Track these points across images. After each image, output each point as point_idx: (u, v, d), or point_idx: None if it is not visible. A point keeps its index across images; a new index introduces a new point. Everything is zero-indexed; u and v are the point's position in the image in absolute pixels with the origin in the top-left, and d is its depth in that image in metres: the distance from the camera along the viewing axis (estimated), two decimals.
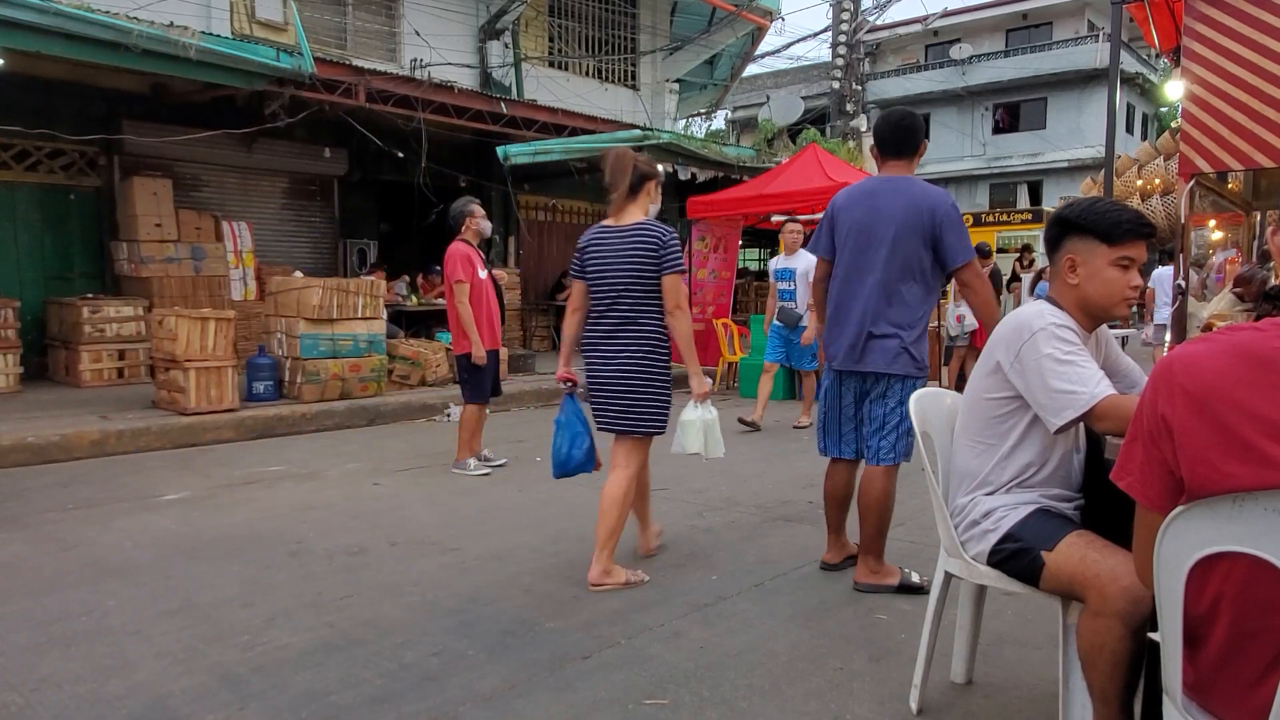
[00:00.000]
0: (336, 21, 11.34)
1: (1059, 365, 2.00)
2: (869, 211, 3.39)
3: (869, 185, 3.49)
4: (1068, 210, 2.17)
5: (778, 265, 7.67)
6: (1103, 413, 1.93)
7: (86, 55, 7.15)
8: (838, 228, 3.48)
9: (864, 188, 3.49)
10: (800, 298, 7.36)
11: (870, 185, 3.48)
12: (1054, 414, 1.99)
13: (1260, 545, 1.29)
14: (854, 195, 3.48)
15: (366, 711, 2.46)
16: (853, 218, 3.43)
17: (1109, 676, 1.80)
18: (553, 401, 9.30)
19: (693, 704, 2.50)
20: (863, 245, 3.39)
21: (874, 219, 3.37)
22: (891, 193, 3.37)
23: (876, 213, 3.37)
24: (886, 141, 3.47)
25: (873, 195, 3.43)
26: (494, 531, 4.33)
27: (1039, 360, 2.03)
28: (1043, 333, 2.04)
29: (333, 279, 8.30)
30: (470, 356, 5.61)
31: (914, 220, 3.31)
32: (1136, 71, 26.22)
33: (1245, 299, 5.31)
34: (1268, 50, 3.87)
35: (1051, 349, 2.02)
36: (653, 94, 15.29)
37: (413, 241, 13.20)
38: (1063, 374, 1.98)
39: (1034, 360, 2.04)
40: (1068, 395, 1.97)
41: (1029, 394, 2.07)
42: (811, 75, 27.65)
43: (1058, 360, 2.00)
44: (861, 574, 3.48)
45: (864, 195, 3.45)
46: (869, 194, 3.44)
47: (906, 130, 3.45)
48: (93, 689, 2.58)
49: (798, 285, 7.37)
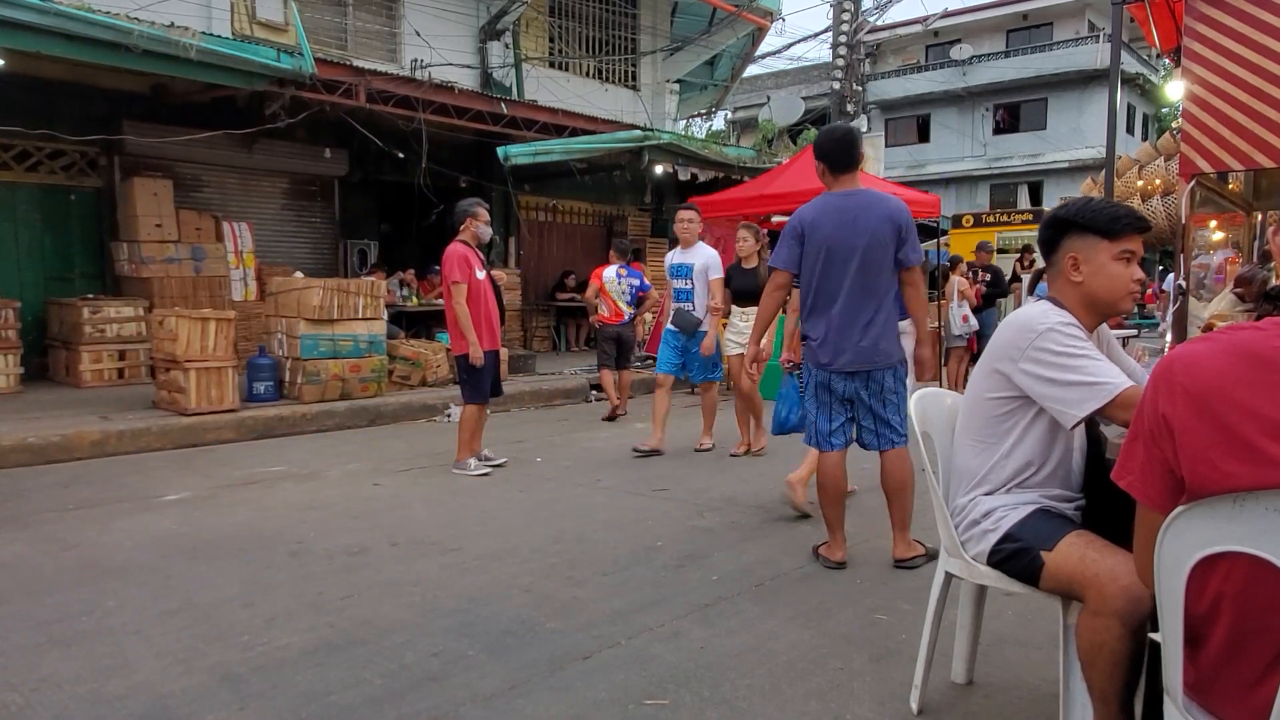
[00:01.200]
0: (337, 22, 11.34)
1: (1073, 360, 1.99)
2: (842, 226, 3.66)
3: (835, 200, 3.73)
4: (1063, 210, 2.19)
5: (673, 260, 6.43)
6: (1126, 401, 1.90)
7: (87, 55, 7.16)
8: (809, 242, 3.71)
9: (832, 203, 3.73)
10: (699, 299, 6.25)
11: (836, 200, 3.73)
12: (1073, 407, 1.97)
13: (1261, 545, 1.29)
14: (823, 210, 3.72)
15: (367, 711, 2.46)
16: (825, 233, 3.67)
17: (1109, 676, 1.80)
18: (553, 402, 9.30)
19: (693, 704, 2.50)
20: (844, 256, 3.65)
21: (849, 232, 3.65)
22: (860, 206, 3.68)
23: (851, 226, 3.65)
24: (837, 158, 3.74)
25: (842, 210, 3.69)
26: (494, 531, 4.33)
27: (1050, 357, 2.02)
28: (1051, 331, 2.04)
29: (333, 279, 8.31)
30: (469, 357, 5.61)
31: (886, 229, 3.65)
32: (1137, 72, 26.22)
33: (1246, 299, 5.30)
34: (1268, 50, 3.87)
35: (1063, 345, 2.02)
36: (653, 94, 15.29)
37: (413, 242, 13.20)
38: (1078, 368, 1.98)
39: (1045, 358, 2.03)
40: (1088, 387, 1.95)
41: (1039, 391, 2.06)
42: (812, 76, 27.65)
43: (1071, 355, 2.00)
44: (903, 550, 3.77)
45: (834, 210, 3.71)
46: (838, 209, 3.70)
47: (852, 145, 3.74)
48: (93, 689, 2.58)
49: (695, 284, 6.25)
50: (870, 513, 4.67)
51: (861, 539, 4.17)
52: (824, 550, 3.85)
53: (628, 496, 5.07)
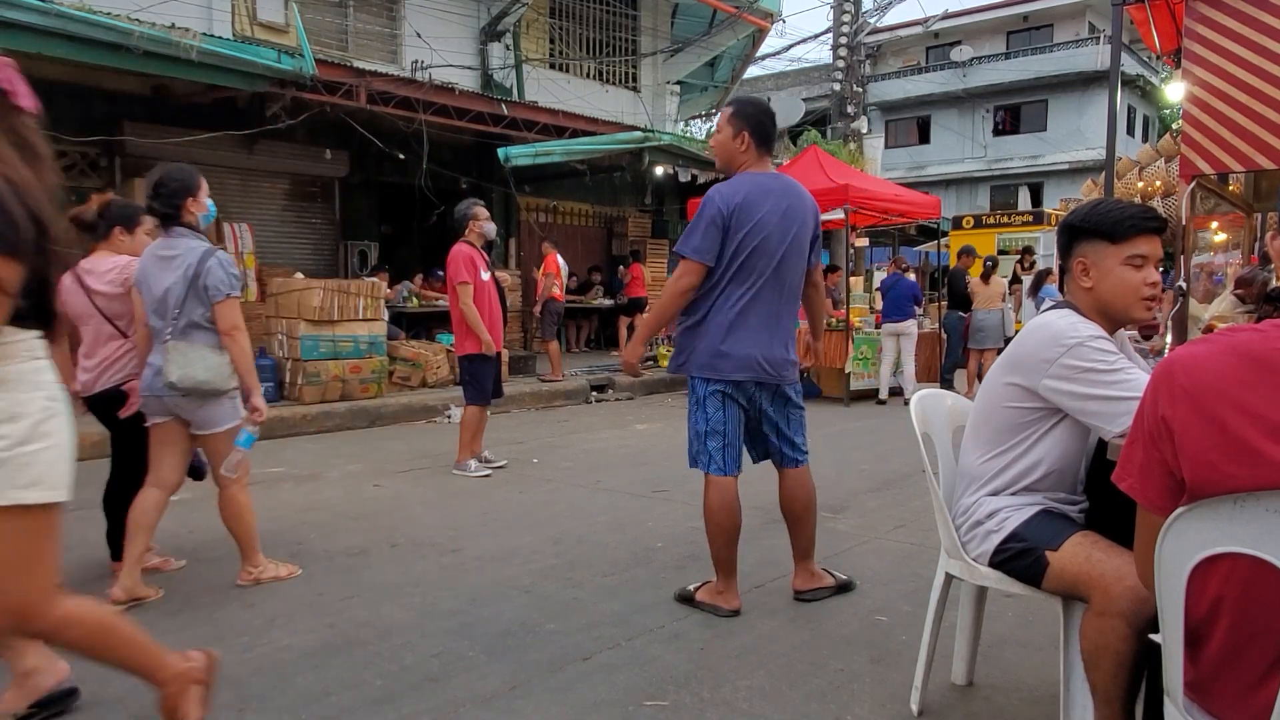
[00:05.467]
0: (338, 23, 11.35)
1: (1109, 374, 1.95)
2: (775, 213, 3.11)
3: (765, 182, 3.15)
4: (1072, 215, 2.16)
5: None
6: None
7: (88, 57, 7.15)
8: (735, 229, 3.08)
9: (761, 184, 3.14)
10: None
11: (766, 182, 3.15)
12: (1110, 421, 1.94)
13: (1261, 546, 1.29)
14: (754, 193, 3.11)
15: (367, 712, 2.46)
16: (758, 218, 3.08)
17: (1112, 677, 1.80)
18: (554, 403, 9.30)
19: (693, 705, 2.50)
20: (771, 250, 3.11)
21: (781, 220, 3.12)
22: (790, 192, 3.17)
23: (786, 214, 3.13)
24: (768, 130, 3.23)
25: (774, 194, 3.13)
26: (494, 533, 4.33)
27: (1084, 373, 1.98)
28: (1082, 346, 1.99)
29: (333, 280, 8.31)
30: (472, 358, 5.61)
31: (811, 222, 3.25)
32: (1137, 73, 26.23)
33: (1246, 301, 5.30)
34: (1268, 52, 3.88)
35: (1093, 361, 1.97)
36: (654, 96, 15.29)
37: (414, 243, 13.21)
38: (1115, 382, 1.94)
39: (1077, 373, 1.99)
40: (1130, 401, 1.88)
41: (1073, 406, 2.02)
42: (812, 77, 27.63)
43: (1105, 369, 1.96)
44: (805, 581, 3.37)
45: (764, 193, 3.12)
46: (768, 192, 3.12)
47: (775, 119, 3.30)
48: (93, 690, 2.58)
49: None
50: (870, 513, 4.68)
51: (860, 541, 4.17)
52: (708, 596, 3.25)
53: (628, 498, 5.07)
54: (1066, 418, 2.07)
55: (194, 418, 3.38)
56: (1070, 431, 2.10)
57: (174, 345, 3.27)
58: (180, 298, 3.27)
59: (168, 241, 3.36)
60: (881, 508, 4.83)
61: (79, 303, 3.52)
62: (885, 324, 9.58)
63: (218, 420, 3.38)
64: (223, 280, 3.29)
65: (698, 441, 3.22)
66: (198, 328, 3.30)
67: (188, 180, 3.38)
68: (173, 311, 3.29)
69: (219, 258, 3.32)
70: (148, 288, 3.34)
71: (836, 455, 6.46)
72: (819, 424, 8.14)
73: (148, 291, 3.35)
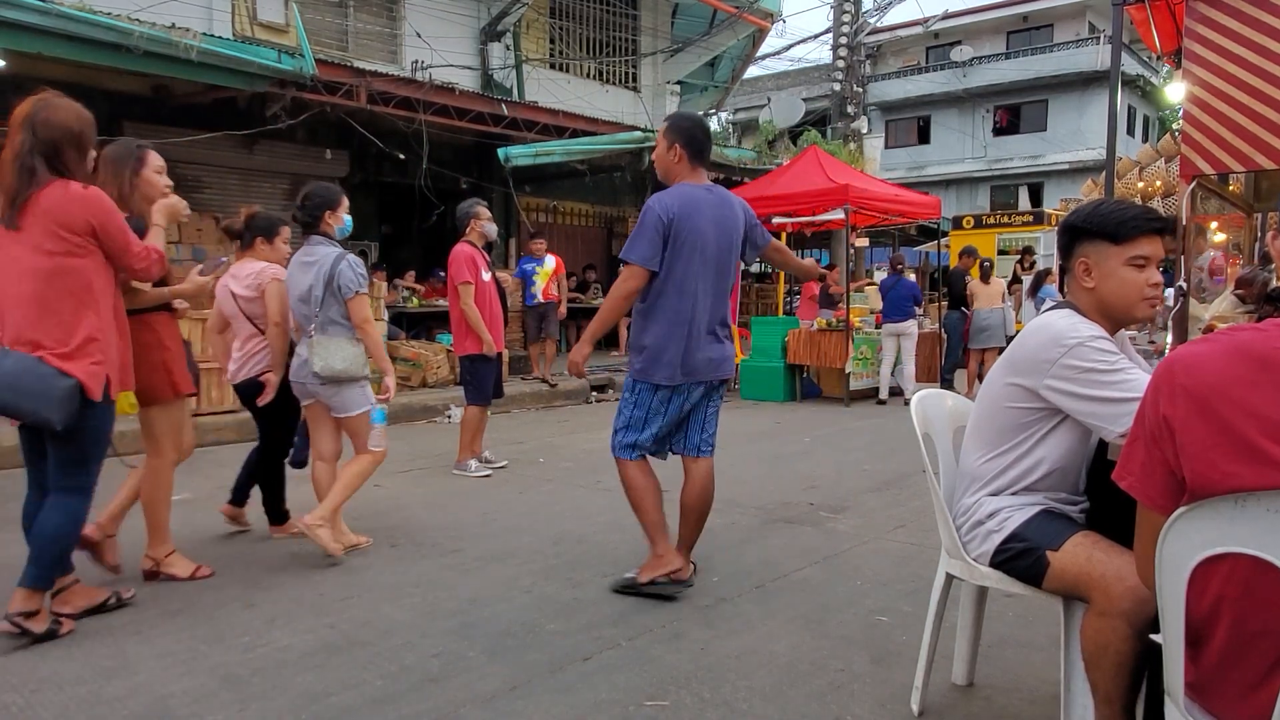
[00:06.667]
0: (338, 23, 11.35)
1: (1109, 374, 1.95)
2: (709, 221, 3.33)
3: (699, 194, 3.38)
4: (1073, 216, 2.15)
5: None
6: None
7: (88, 57, 7.15)
8: (676, 237, 3.28)
9: (695, 196, 3.35)
10: None
11: (700, 194, 3.38)
12: (1111, 422, 1.94)
13: (1262, 546, 1.29)
14: (688, 203, 3.32)
15: (367, 713, 2.46)
16: (694, 227, 3.30)
17: (1113, 677, 1.79)
18: (554, 404, 9.30)
19: (693, 705, 2.50)
20: (709, 255, 3.33)
21: (714, 229, 3.34)
22: (722, 202, 3.42)
23: (718, 223, 3.36)
24: (702, 144, 3.45)
25: (708, 205, 3.36)
26: (495, 533, 4.33)
27: (1084, 373, 1.97)
28: (1082, 346, 1.98)
29: None
30: (473, 358, 5.62)
31: (740, 227, 3.48)
32: (1137, 74, 26.24)
33: (1247, 300, 5.30)
34: (1268, 52, 3.88)
35: (1094, 362, 1.97)
36: (654, 96, 15.29)
37: (414, 243, 13.21)
38: (1116, 382, 1.94)
39: (1078, 373, 1.98)
40: (1131, 402, 1.87)
41: (1073, 407, 2.01)
42: (812, 77, 27.63)
43: (1106, 370, 1.95)
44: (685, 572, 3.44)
45: (696, 204, 3.33)
46: (703, 202, 3.35)
47: (710, 136, 3.56)
48: (94, 690, 2.58)
49: None
50: (870, 513, 4.68)
51: (861, 540, 4.17)
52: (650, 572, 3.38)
53: None
54: (1068, 418, 2.07)
55: (331, 402, 3.89)
56: (1071, 432, 2.09)
57: (317, 339, 3.78)
58: (320, 297, 3.80)
59: (308, 249, 3.91)
60: (882, 508, 4.83)
61: (228, 303, 4.14)
62: (885, 324, 9.59)
63: (350, 405, 3.89)
64: (352, 280, 3.80)
65: (623, 429, 3.44)
66: (334, 323, 3.82)
67: (330, 197, 4.01)
68: (315, 309, 3.81)
69: (349, 260, 3.83)
70: (295, 288, 3.89)
71: (836, 455, 6.46)
72: (819, 424, 8.15)
73: (295, 291, 3.89)
